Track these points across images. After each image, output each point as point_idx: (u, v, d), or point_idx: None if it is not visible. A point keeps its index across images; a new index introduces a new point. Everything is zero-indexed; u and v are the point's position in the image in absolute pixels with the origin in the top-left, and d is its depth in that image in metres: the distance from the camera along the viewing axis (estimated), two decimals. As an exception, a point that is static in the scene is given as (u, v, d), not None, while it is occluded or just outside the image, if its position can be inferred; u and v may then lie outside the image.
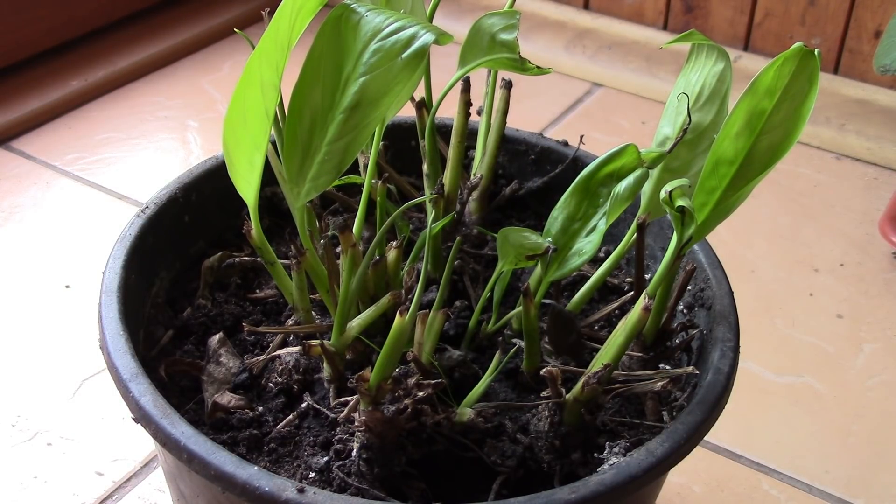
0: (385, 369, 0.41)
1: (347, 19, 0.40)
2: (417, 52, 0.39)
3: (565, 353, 0.49)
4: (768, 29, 1.13)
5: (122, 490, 0.66)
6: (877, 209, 0.96)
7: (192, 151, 1.03)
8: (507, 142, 0.59)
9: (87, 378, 0.74)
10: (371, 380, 0.41)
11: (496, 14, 0.47)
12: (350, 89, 0.40)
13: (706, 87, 0.48)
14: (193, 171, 0.55)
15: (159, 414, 0.41)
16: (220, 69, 1.18)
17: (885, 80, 1.07)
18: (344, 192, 0.57)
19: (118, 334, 0.45)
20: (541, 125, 1.09)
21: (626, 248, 0.50)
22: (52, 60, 1.12)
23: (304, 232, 0.44)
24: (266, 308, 0.52)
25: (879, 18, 1.06)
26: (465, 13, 1.25)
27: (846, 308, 0.84)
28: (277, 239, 0.56)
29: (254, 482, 0.38)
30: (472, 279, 0.53)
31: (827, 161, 1.04)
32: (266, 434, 0.45)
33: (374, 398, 0.42)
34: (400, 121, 0.60)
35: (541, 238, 0.46)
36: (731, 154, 0.42)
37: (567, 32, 1.22)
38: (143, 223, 0.51)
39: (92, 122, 1.07)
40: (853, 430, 0.73)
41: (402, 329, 0.40)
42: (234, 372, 0.48)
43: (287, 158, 0.41)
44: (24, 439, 0.69)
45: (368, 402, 0.42)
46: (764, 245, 0.91)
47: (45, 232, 0.90)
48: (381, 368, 0.41)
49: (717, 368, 0.45)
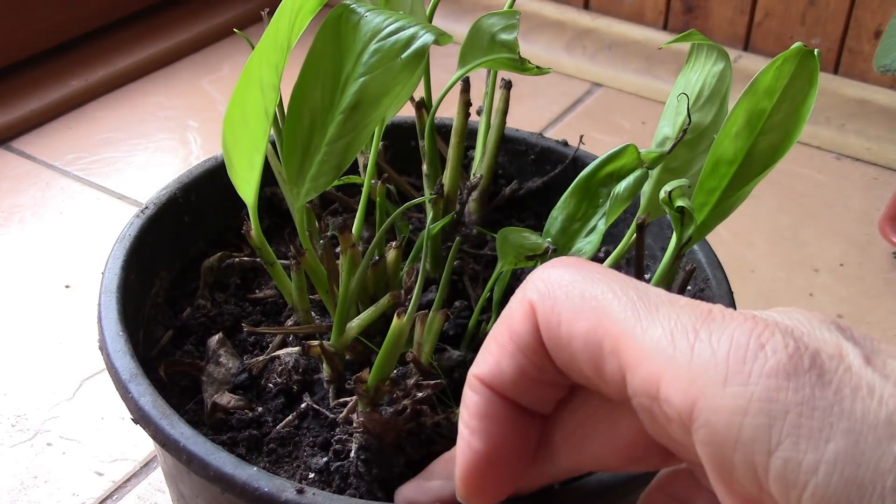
0: (383, 370, 0.41)
1: (347, 19, 0.40)
2: (417, 52, 0.39)
3: (565, 353, 0.49)
4: (768, 29, 1.13)
5: (122, 490, 0.66)
6: (877, 209, 0.96)
7: (192, 151, 1.03)
8: (506, 142, 0.59)
9: (87, 378, 0.74)
10: (369, 381, 0.41)
11: (496, 14, 0.47)
12: (350, 89, 0.40)
13: (706, 87, 0.48)
14: (193, 172, 0.55)
15: (158, 415, 0.41)
16: (220, 69, 1.18)
17: (885, 80, 1.07)
18: (343, 193, 0.57)
19: (117, 335, 0.45)
20: (541, 125, 1.09)
21: (625, 248, 0.50)
22: (52, 60, 1.12)
23: (304, 232, 0.44)
24: (266, 308, 0.52)
25: (879, 18, 1.06)
26: (465, 13, 1.25)
27: (846, 308, 0.84)
28: (277, 239, 0.56)
29: (253, 483, 0.37)
30: (471, 279, 0.53)
31: (827, 161, 1.04)
32: (266, 434, 0.45)
33: (373, 399, 0.42)
34: (399, 121, 0.60)
35: (540, 238, 0.46)
36: (730, 154, 0.42)
37: (567, 32, 1.21)
38: (143, 223, 0.51)
39: (92, 122, 1.07)
40: (853, 431, 0.73)
41: (401, 330, 0.40)
42: (234, 372, 0.48)
43: (286, 159, 0.41)
44: (24, 439, 0.69)
45: (366, 404, 0.42)
46: (764, 245, 0.91)
47: (45, 232, 0.90)
48: (378, 370, 0.41)
49: (717, 369, 0.45)
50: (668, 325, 0.26)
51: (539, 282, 0.30)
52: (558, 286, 0.29)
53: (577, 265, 0.30)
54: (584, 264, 0.30)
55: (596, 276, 0.29)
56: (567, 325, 0.28)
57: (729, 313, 0.26)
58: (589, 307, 0.28)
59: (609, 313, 0.27)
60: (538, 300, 0.29)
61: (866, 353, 0.25)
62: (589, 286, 0.28)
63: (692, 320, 0.26)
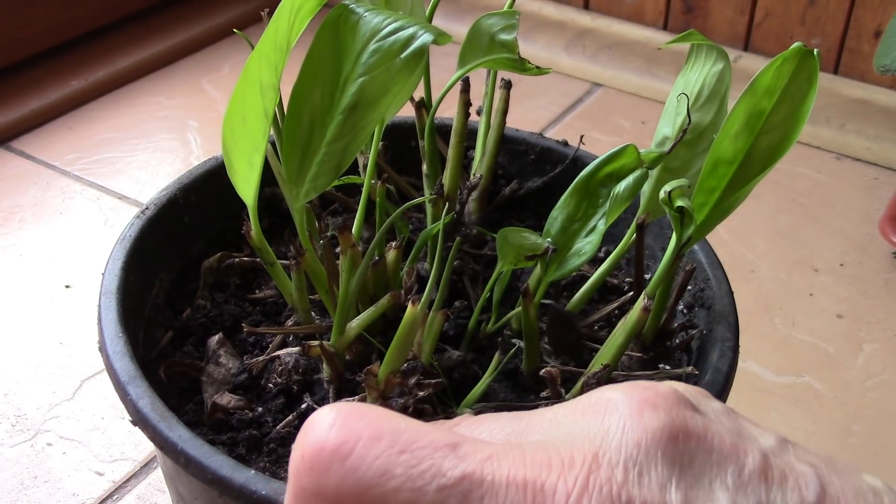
0: (395, 362, 0.41)
1: (346, 20, 0.40)
2: (416, 52, 0.39)
3: (565, 353, 0.49)
4: (768, 29, 1.13)
5: (122, 490, 0.66)
6: (877, 209, 0.96)
7: (192, 151, 1.03)
8: (506, 142, 0.59)
9: (87, 378, 0.74)
10: (380, 373, 0.41)
11: (496, 14, 0.47)
12: (349, 90, 0.40)
13: (705, 87, 0.48)
14: (193, 172, 0.55)
15: (157, 417, 0.41)
16: (220, 69, 1.18)
17: (885, 80, 1.07)
18: (343, 193, 0.56)
19: (117, 336, 0.45)
20: (541, 125, 1.09)
21: (625, 248, 0.50)
22: (52, 60, 1.12)
23: (304, 232, 0.44)
24: (266, 308, 0.52)
25: (879, 18, 1.06)
26: (465, 13, 1.25)
27: (846, 308, 0.84)
28: (277, 239, 0.56)
29: (250, 486, 0.37)
30: (471, 279, 0.53)
31: (827, 161, 1.04)
32: (266, 434, 0.45)
33: (382, 392, 0.42)
34: (399, 121, 0.60)
35: (540, 238, 0.46)
36: (730, 154, 0.42)
37: (567, 32, 1.21)
38: (143, 224, 0.51)
39: (92, 122, 1.07)
40: (853, 430, 0.73)
41: (414, 319, 0.40)
42: (234, 373, 0.48)
43: (286, 159, 0.41)
44: (24, 439, 0.69)
45: (376, 397, 0.42)
46: (764, 245, 0.91)
47: (45, 232, 0.90)
48: (390, 361, 0.41)
49: (716, 368, 0.45)
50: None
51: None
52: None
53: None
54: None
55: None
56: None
57: (555, 476, 0.23)
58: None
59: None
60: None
61: (690, 502, 0.23)
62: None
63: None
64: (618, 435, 0.24)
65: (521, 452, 0.24)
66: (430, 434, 0.24)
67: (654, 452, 0.24)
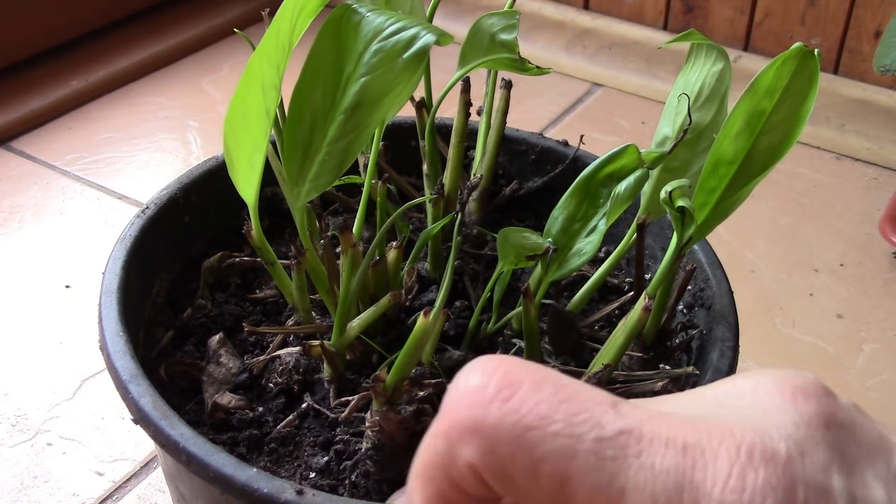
0: (404, 370, 0.41)
1: (348, 20, 0.40)
2: (418, 52, 0.39)
3: (565, 353, 0.49)
4: (768, 29, 1.13)
5: (122, 490, 0.66)
6: (877, 209, 0.96)
7: (193, 151, 1.03)
8: (507, 142, 0.59)
9: (87, 378, 0.74)
10: (388, 380, 0.41)
11: (496, 14, 0.47)
12: (351, 90, 0.40)
13: (705, 86, 0.48)
14: (194, 172, 0.55)
15: (158, 415, 0.41)
16: (220, 69, 1.18)
17: (885, 80, 1.07)
18: (344, 193, 0.57)
19: (118, 336, 0.45)
20: (541, 125, 1.09)
21: (626, 248, 0.50)
22: (52, 60, 1.12)
23: (304, 232, 0.44)
24: (266, 308, 0.52)
25: (879, 18, 1.06)
26: (465, 13, 1.25)
27: (846, 308, 0.84)
28: (277, 239, 0.56)
29: (252, 484, 0.38)
30: (472, 279, 0.53)
31: (827, 161, 1.04)
32: (266, 434, 0.45)
33: (390, 398, 0.41)
34: (400, 121, 0.60)
35: (541, 238, 0.46)
36: (730, 154, 0.42)
37: (567, 32, 1.22)
38: (144, 224, 0.51)
39: (92, 122, 1.07)
40: (853, 430, 0.73)
41: (426, 330, 0.40)
42: (235, 372, 0.48)
43: (287, 159, 0.41)
44: (24, 439, 0.69)
45: (382, 403, 0.42)
46: (764, 245, 0.91)
47: (45, 232, 0.90)
48: (399, 369, 0.41)
49: (716, 368, 0.45)
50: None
51: (475, 443, 0.24)
52: (500, 442, 0.24)
53: (500, 387, 0.24)
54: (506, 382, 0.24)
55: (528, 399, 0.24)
56: (526, 479, 0.24)
57: (716, 443, 0.23)
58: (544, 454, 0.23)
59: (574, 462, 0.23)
60: (484, 466, 0.24)
61: (851, 489, 0.23)
62: (530, 422, 0.24)
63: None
64: (774, 415, 0.24)
65: (679, 419, 0.24)
66: (591, 390, 0.24)
67: (813, 436, 0.23)
